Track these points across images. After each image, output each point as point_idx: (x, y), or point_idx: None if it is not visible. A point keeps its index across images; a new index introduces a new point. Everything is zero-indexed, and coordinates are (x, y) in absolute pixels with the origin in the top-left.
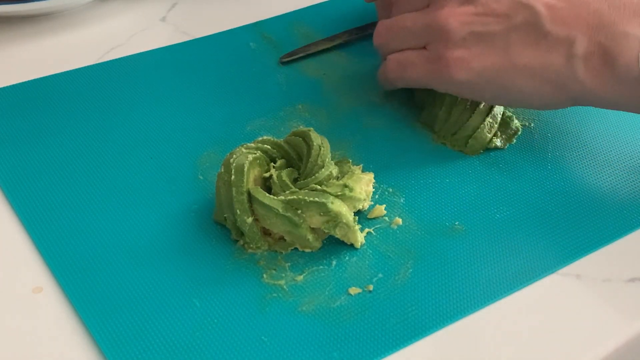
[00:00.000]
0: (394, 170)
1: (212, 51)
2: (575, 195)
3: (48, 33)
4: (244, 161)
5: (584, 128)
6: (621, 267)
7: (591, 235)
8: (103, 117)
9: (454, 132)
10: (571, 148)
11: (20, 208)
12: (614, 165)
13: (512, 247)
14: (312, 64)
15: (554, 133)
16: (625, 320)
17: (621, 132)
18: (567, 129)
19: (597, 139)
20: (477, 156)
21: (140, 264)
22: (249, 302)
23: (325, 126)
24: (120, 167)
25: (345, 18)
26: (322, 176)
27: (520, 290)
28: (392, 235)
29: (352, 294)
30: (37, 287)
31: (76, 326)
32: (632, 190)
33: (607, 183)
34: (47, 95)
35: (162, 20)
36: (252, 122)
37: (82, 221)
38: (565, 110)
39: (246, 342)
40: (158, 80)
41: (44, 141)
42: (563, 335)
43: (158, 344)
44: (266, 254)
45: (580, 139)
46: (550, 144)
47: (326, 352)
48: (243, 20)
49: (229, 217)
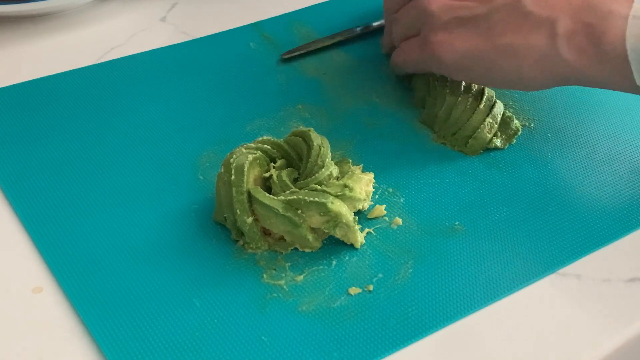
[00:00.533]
0: (394, 170)
1: (212, 51)
2: (575, 195)
3: (48, 33)
4: (244, 161)
5: (584, 128)
6: (621, 267)
7: (591, 235)
8: (103, 117)
9: (454, 132)
10: (571, 148)
11: (20, 208)
12: (614, 166)
13: (512, 247)
14: (312, 63)
15: (554, 133)
16: (625, 320)
17: (621, 133)
18: (567, 129)
19: (597, 139)
20: (477, 156)
21: (140, 264)
22: (249, 302)
23: (325, 126)
24: (120, 167)
25: (345, 18)
26: (322, 176)
27: (520, 290)
28: (392, 235)
29: (352, 294)
30: (37, 287)
31: (76, 326)
32: (632, 190)
33: (607, 183)
34: (47, 95)
35: (162, 20)
36: (252, 122)
37: (82, 221)
38: (565, 110)
39: (246, 342)
40: (158, 81)
41: (44, 141)
42: (563, 335)
43: (158, 344)
44: (266, 254)
45: (580, 139)
46: (550, 144)
47: (326, 352)
48: (243, 20)
49: (229, 217)
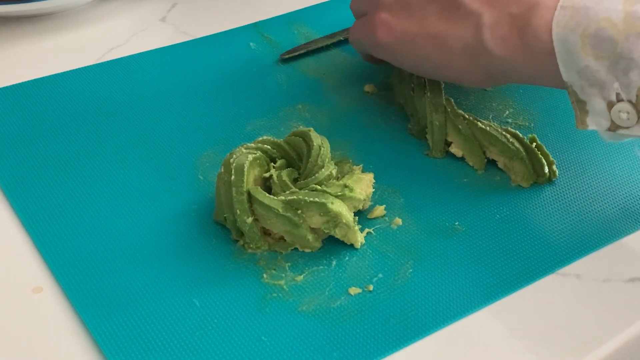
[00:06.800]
0: (394, 170)
1: (212, 51)
2: (575, 195)
3: (48, 33)
4: (244, 161)
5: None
6: (621, 267)
7: (591, 235)
8: (103, 117)
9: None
10: (571, 148)
11: (20, 208)
12: (615, 165)
13: (512, 247)
14: (311, 63)
15: (554, 133)
16: (625, 320)
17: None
18: (567, 129)
19: (597, 139)
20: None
21: (140, 264)
22: (249, 302)
23: (325, 126)
24: (120, 167)
25: (345, 18)
26: (322, 176)
27: (520, 290)
28: (392, 235)
29: (352, 294)
30: (37, 287)
31: (76, 326)
32: (632, 190)
33: (607, 183)
34: (47, 95)
35: (162, 20)
36: (252, 122)
37: (82, 221)
38: (565, 109)
39: (246, 342)
40: (158, 81)
41: (44, 141)
42: (563, 335)
43: (158, 344)
44: (266, 254)
45: (580, 139)
46: (550, 144)
47: (326, 352)
48: (243, 20)
49: (229, 217)
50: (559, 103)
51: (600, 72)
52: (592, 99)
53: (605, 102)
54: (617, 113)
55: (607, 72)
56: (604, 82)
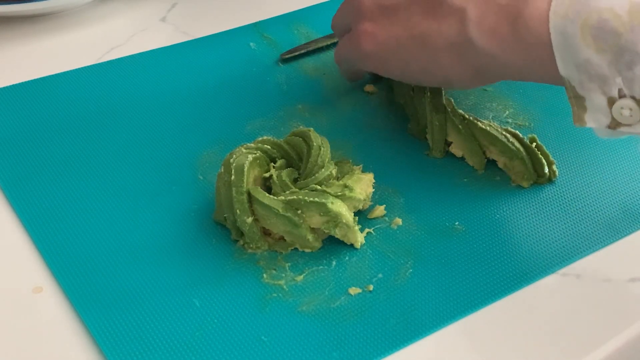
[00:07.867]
0: (394, 170)
1: (212, 51)
2: (575, 195)
3: (48, 33)
4: (244, 161)
5: (584, 127)
6: (621, 267)
7: (591, 235)
8: (103, 117)
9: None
10: (571, 148)
11: (20, 208)
12: (615, 165)
13: (512, 247)
14: (311, 63)
15: (554, 133)
16: (625, 320)
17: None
18: (567, 129)
19: (597, 139)
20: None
21: (140, 264)
22: (249, 302)
23: (325, 126)
24: (120, 167)
25: None
26: (322, 176)
27: (520, 290)
28: (392, 235)
29: (352, 294)
30: (37, 287)
31: (76, 326)
32: (632, 190)
33: (607, 183)
34: (47, 95)
35: (162, 20)
36: (252, 122)
37: (82, 221)
38: (566, 110)
39: (246, 342)
40: (158, 80)
41: (44, 141)
42: (563, 335)
43: (158, 344)
44: (266, 254)
45: (581, 139)
46: (550, 144)
47: (326, 352)
48: (243, 20)
49: (229, 217)
50: (559, 103)
51: (602, 66)
52: (591, 94)
53: (606, 98)
54: (618, 110)
55: (609, 66)
56: (606, 77)
